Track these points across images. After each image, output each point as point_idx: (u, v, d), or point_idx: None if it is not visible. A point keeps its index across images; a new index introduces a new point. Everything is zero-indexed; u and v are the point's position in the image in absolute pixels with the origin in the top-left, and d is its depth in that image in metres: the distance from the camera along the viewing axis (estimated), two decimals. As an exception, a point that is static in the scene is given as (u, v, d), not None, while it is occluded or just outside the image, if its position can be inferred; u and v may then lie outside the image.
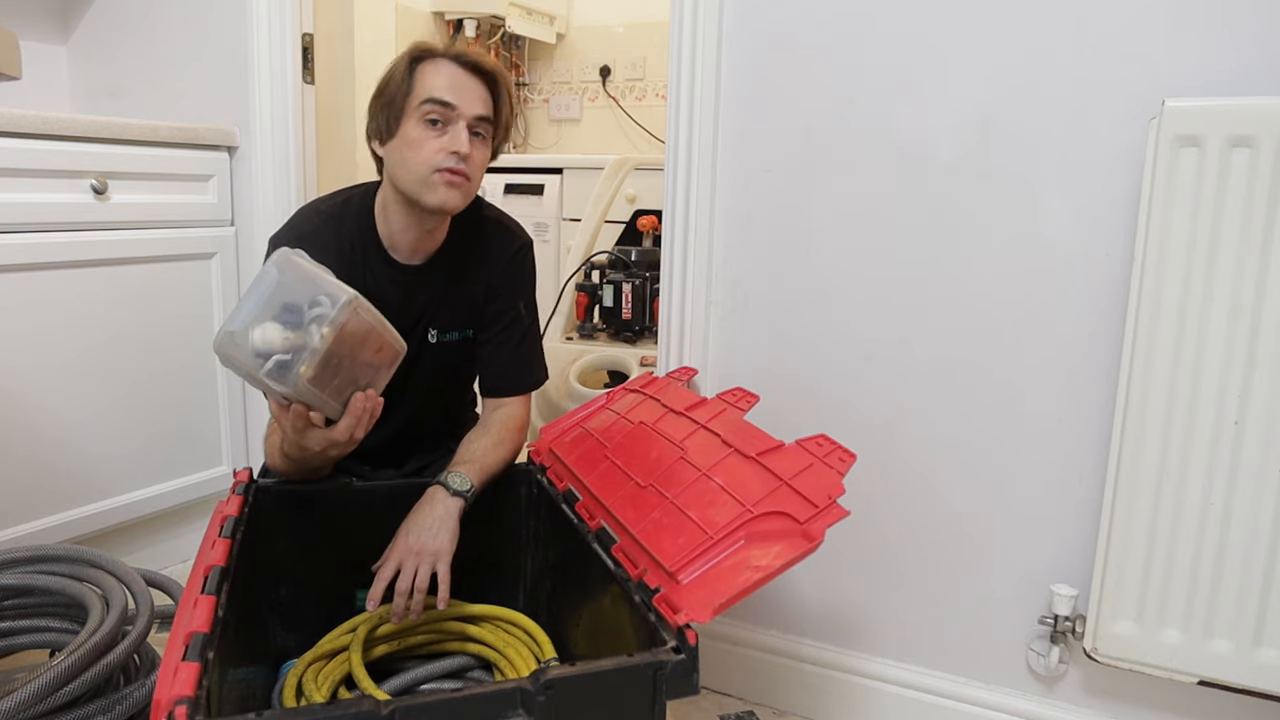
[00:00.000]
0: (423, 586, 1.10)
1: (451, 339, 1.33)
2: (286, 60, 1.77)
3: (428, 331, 1.31)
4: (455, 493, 1.17)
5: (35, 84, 1.95)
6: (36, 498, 1.52)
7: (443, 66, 1.19)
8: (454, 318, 1.32)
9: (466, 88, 1.18)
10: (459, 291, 1.31)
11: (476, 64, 1.20)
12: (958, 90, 1.16)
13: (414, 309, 1.28)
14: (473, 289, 1.32)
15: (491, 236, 1.34)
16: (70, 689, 0.97)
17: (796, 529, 0.90)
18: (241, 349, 0.95)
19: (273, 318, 0.96)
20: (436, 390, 1.36)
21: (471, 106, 1.18)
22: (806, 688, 1.36)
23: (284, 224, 1.29)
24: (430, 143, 1.17)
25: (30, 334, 1.49)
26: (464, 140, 1.17)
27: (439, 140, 1.17)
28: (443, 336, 1.32)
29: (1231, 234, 0.98)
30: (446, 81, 1.18)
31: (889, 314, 1.24)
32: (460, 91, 1.18)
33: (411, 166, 1.18)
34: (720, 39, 1.30)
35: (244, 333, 0.95)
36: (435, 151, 1.17)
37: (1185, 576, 1.05)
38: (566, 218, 2.85)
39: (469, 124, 1.18)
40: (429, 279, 1.29)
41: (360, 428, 1.07)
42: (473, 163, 1.19)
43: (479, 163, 1.21)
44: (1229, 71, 1.02)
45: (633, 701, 0.81)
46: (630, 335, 2.31)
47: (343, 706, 0.73)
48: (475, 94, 1.19)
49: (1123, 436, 1.06)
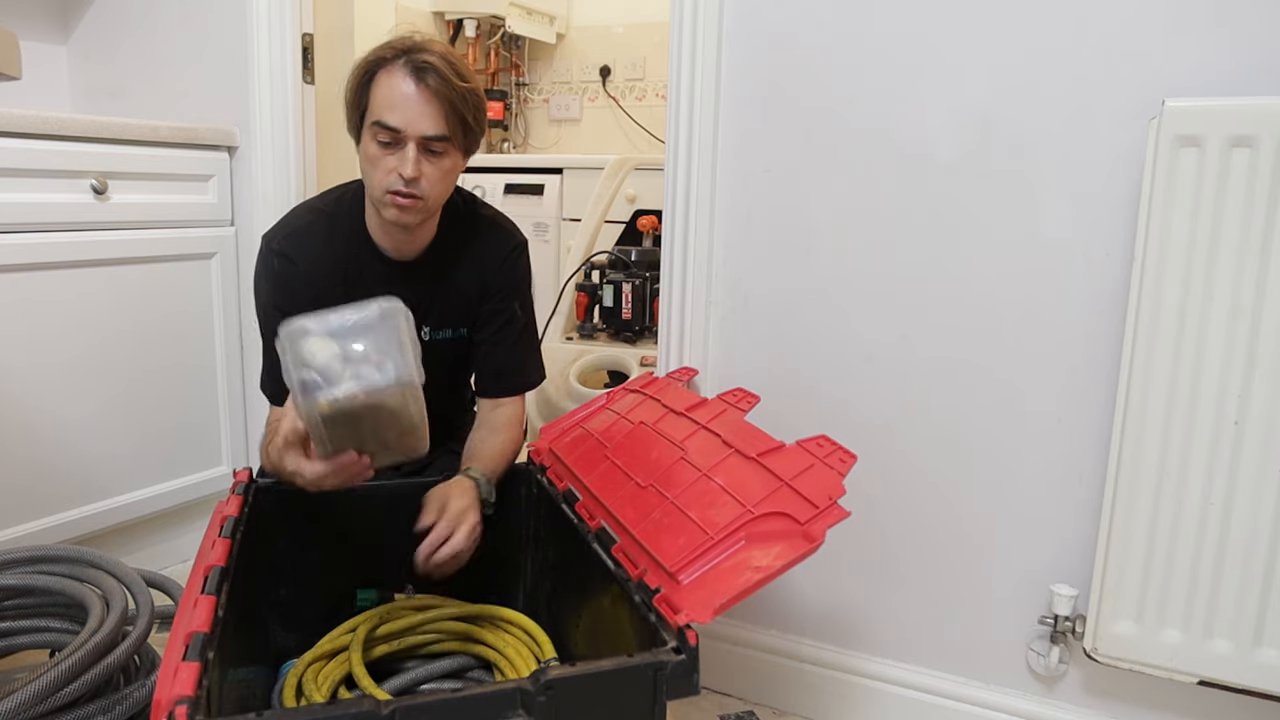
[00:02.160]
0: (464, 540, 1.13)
1: (445, 337, 1.33)
2: (286, 60, 1.77)
3: (420, 329, 1.30)
4: (483, 499, 1.20)
5: (35, 84, 1.95)
6: (36, 498, 1.52)
7: (395, 79, 1.13)
8: (447, 316, 1.32)
9: (415, 107, 1.13)
10: (452, 289, 1.31)
11: (427, 73, 1.12)
12: (958, 90, 1.16)
13: (407, 303, 1.28)
14: (466, 287, 1.32)
15: (486, 235, 1.33)
16: (71, 689, 0.97)
17: (797, 530, 0.90)
18: (296, 346, 0.95)
19: (338, 341, 0.96)
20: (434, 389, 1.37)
21: (419, 126, 1.13)
22: (806, 688, 1.36)
23: (278, 221, 1.28)
24: (381, 162, 1.15)
25: (30, 334, 1.49)
26: (412, 163, 1.13)
27: (389, 159, 1.15)
28: (436, 334, 1.32)
29: (1232, 234, 0.98)
30: (395, 99, 1.13)
31: (889, 314, 1.24)
32: (408, 111, 1.13)
33: (369, 182, 1.19)
34: (720, 39, 1.30)
35: (308, 336, 0.95)
36: (386, 172, 1.15)
37: (1185, 576, 1.05)
38: (566, 218, 2.85)
39: (420, 144, 1.14)
40: (419, 275, 1.29)
41: (332, 480, 1.02)
42: (426, 181, 1.16)
43: (435, 179, 1.17)
44: (1229, 71, 1.02)
45: (633, 702, 0.81)
46: (630, 335, 2.32)
47: (343, 706, 0.73)
48: (424, 111, 1.13)
49: (1123, 436, 1.06)
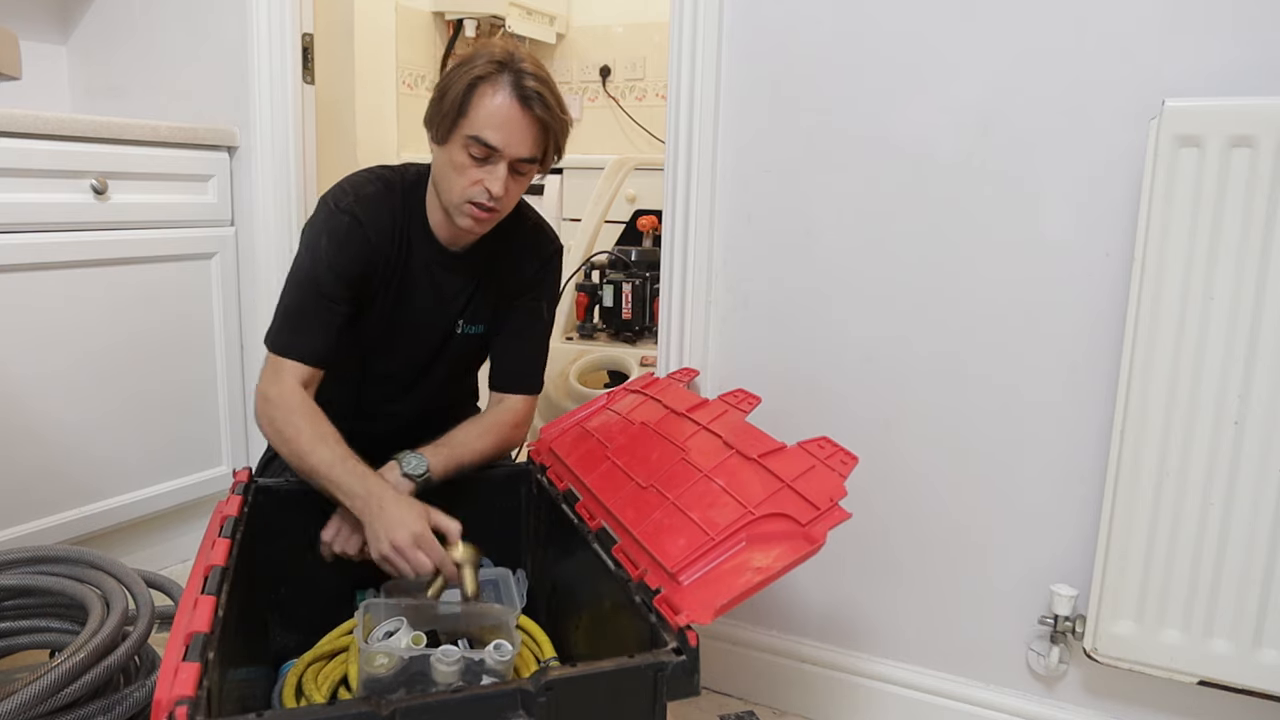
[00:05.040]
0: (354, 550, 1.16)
1: (476, 332, 1.34)
2: (286, 60, 1.77)
3: (456, 322, 1.31)
4: (406, 474, 1.19)
5: (35, 84, 1.94)
6: (36, 498, 1.52)
7: (500, 95, 1.13)
8: (481, 310, 1.33)
9: (517, 127, 1.14)
10: (492, 284, 1.32)
11: (533, 100, 1.13)
12: (958, 90, 1.16)
13: (447, 293, 1.29)
14: (505, 284, 1.33)
15: (529, 238, 1.34)
16: (71, 690, 0.97)
17: (798, 531, 0.90)
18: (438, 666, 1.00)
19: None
20: (451, 382, 1.38)
21: (518, 149, 1.15)
22: (806, 688, 1.36)
23: (340, 183, 1.25)
24: (469, 172, 1.16)
25: (30, 334, 1.49)
26: (501, 181, 1.15)
27: (478, 172, 1.15)
28: (468, 329, 1.33)
29: (1231, 234, 0.98)
30: (498, 118, 1.13)
31: (889, 314, 1.24)
32: (509, 132, 1.14)
33: (448, 186, 1.18)
34: (720, 39, 1.30)
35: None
36: (471, 184, 1.16)
37: (1185, 576, 1.05)
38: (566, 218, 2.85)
39: (511, 163, 1.16)
40: (466, 268, 1.30)
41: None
42: (508, 197, 1.18)
43: (515, 194, 1.21)
44: (1229, 71, 1.02)
45: (633, 702, 0.81)
46: (630, 335, 2.32)
47: (343, 707, 0.73)
48: (524, 134, 1.15)
49: (1123, 436, 1.06)
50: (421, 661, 0.98)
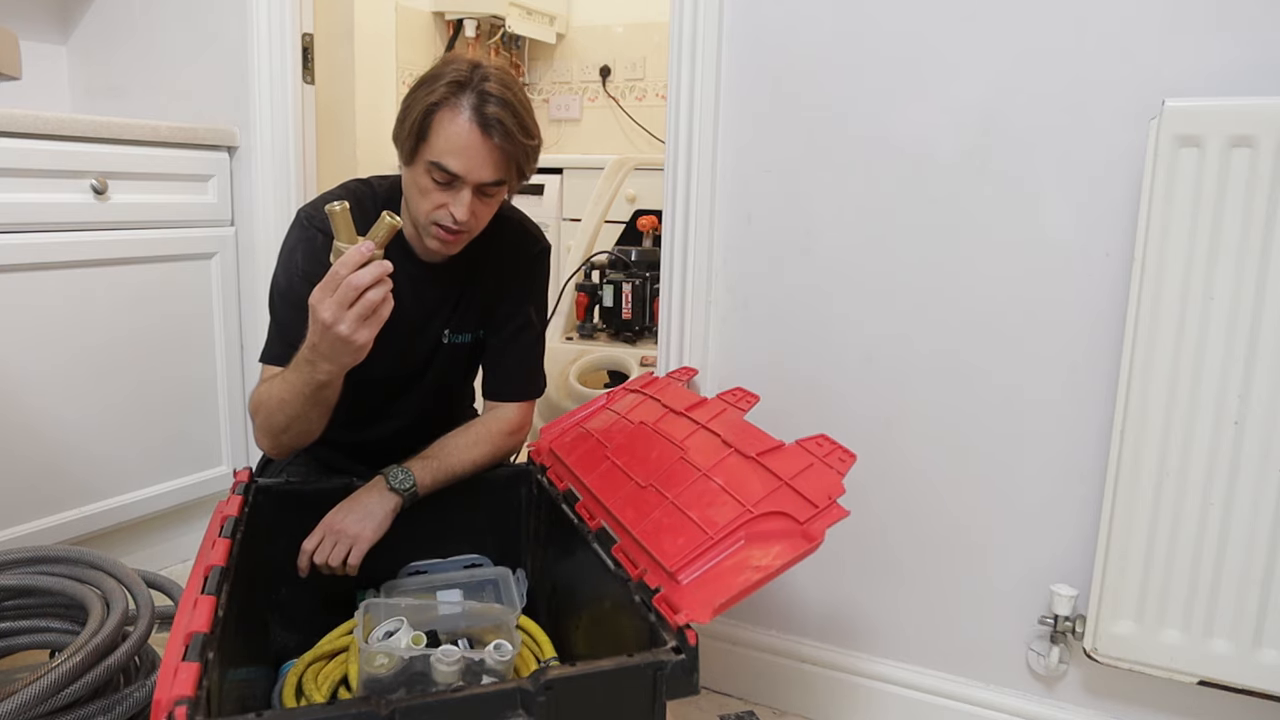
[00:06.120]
0: (336, 563, 1.15)
1: (464, 340, 1.33)
2: (286, 60, 1.77)
3: (442, 332, 1.30)
4: (392, 489, 1.19)
5: (35, 84, 1.94)
6: (36, 498, 1.52)
7: (460, 125, 1.10)
8: (467, 319, 1.32)
9: (477, 153, 1.11)
10: (475, 292, 1.31)
11: (494, 127, 1.10)
12: (958, 89, 1.16)
13: (428, 305, 1.28)
14: (489, 289, 1.32)
15: (510, 237, 1.33)
16: (71, 690, 0.97)
17: (797, 529, 0.90)
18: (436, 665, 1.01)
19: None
20: (442, 390, 1.37)
21: (479, 174, 1.12)
22: (806, 688, 1.36)
23: (315, 199, 1.29)
24: (433, 195, 1.14)
25: (30, 334, 1.49)
26: (466, 206, 1.13)
27: (441, 196, 1.14)
28: (455, 338, 1.32)
29: (1231, 234, 0.98)
30: (457, 144, 1.10)
31: (889, 313, 1.24)
32: (469, 158, 1.11)
33: (415, 207, 1.18)
34: (720, 38, 1.30)
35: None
36: (436, 207, 1.15)
37: (1185, 576, 1.05)
38: (566, 218, 2.86)
39: (475, 188, 1.14)
40: (446, 278, 1.28)
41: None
42: (475, 219, 1.17)
43: (483, 215, 1.19)
44: (1229, 71, 1.02)
45: (633, 701, 0.81)
46: (630, 335, 2.32)
47: (343, 706, 0.73)
48: (485, 160, 1.12)
49: (1123, 436, 1.06)
50: (421, 661, 0.98)
